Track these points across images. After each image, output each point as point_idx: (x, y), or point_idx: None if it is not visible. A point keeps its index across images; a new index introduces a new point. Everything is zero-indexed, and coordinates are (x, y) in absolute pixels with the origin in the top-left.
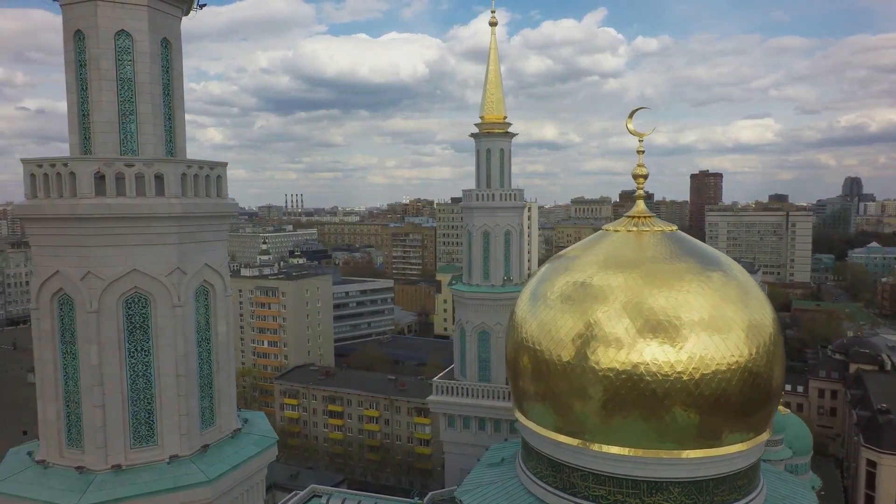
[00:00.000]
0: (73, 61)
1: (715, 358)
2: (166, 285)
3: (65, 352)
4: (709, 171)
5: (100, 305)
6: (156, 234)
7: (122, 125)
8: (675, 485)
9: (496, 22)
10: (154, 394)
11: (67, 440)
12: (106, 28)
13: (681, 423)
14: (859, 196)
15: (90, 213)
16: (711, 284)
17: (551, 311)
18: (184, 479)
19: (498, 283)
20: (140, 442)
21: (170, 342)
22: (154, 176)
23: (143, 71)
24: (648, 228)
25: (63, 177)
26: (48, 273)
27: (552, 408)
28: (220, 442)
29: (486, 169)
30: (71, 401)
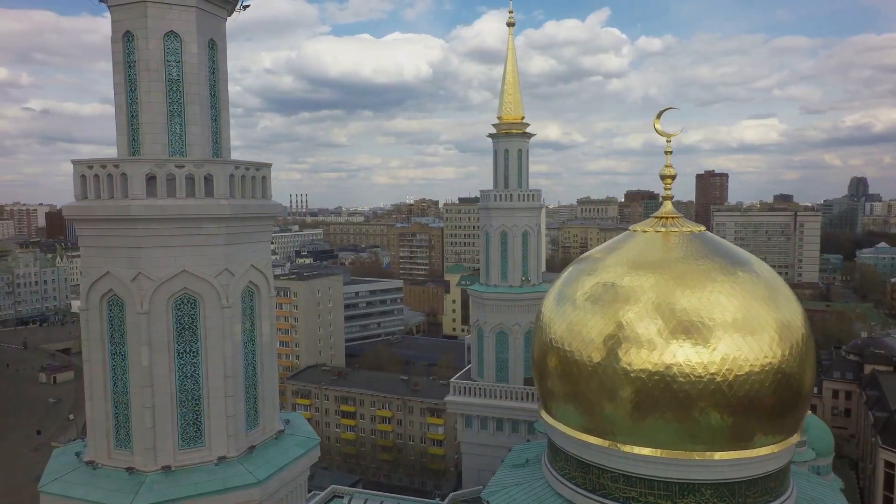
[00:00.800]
0: (121, 62)
1: (748, 359)
2: (215, 286)
3: (114, 352)
4: (714, 171)
5: (150, 306)
6: (205, 236)
7: (170, 126)
8: (708, 486)
9: (514, 22)
10: (202, 395)
11: (116, 441)
12: (155, 29)
13: (713, 424)
14: (866, 196)
15: (142, 215)
16: (743, 284)
17: (580, 313)
18: (233, 480)
19: (516, 283)
20: (188, 443)
21: (218, 343)
22: (203, 177)
23: (191, 72)
24: (677, 229)
25: (114, 178)
26: (98, 274)
27: (581, 408)
28: (265, 443)
29: (504, 169)
30: (119, 402)
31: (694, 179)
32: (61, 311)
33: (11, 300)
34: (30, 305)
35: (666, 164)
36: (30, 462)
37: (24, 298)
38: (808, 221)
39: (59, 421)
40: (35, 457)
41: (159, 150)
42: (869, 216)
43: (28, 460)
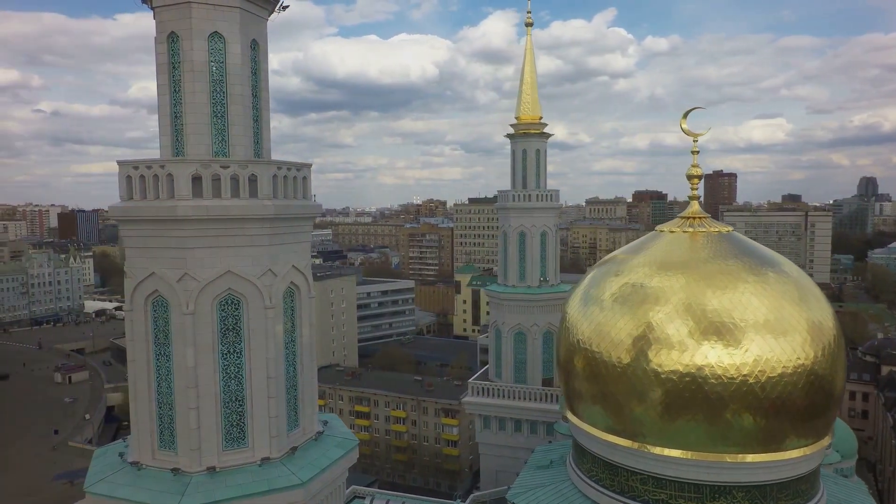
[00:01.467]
0: (165, 63)
1: (781, 360)
2: (259, 287)
3: (158, 353)
4: (723, 171)
5: (196, 307)
6: (249, 236)
7: (213, 127)
8: (739, 489)
9: (532, 22)
10: (245, 396)
11: (160, 442)
12: (200, 30)
13: (745, 426)
14: (875, 196)
15: (189, 216)
16: (774, 285)
17: (608, 314)
18: (277, 481)
19: (534, 283)
20: (231, 444)
21: (261, 344)
22: (248, 177)
23: (235, 72)
24: (705, 229)
25: (160, 178)
26: (143, 275)
27: (609, 409)
28: (306, 444)
29: (522, 169)
30: (164, 402)
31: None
32: (74, 311)
33: (26, 300)
34: (43, 306)
35: (693, 163)
36: (48, 461)
37: (38, 299)
38: (819, 221)
39: (75, 420)
40: (53, 456)
41: (203, 151)
42: (879, 216)
43: (46, 459)
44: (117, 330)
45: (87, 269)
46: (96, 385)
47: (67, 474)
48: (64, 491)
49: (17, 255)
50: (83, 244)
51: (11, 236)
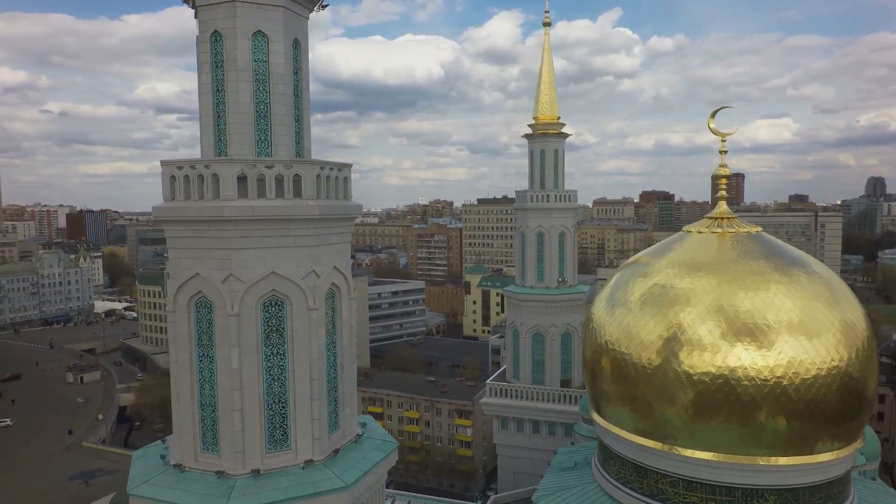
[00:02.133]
0: (208, 62)
1: (815, 362)
2: (302, 288)
3: (201, 355)
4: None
5: (240, 308)
6: (293, 237)
7: (256, 127)
8: (772, 492)
9: (549, 22)
10: (288, 398)
11: (202, 444)
12: (244, 29)
13: (779, 429)
14: (884, 196)
15: (235, 216)
16: (806, 285)
17: (636, 316)
18: (322, 484)
19: (552, 284)
20: (275, 446)
21: (304, 346)
22: (292, 178)
23: (277, 72)
24: (734, 230)
25: (206, 178)
26: (187, 275)
27: (638, 411)
28: (347, 447)
29: (540, 169)
30: (207, 404)
31: (708, 180)
32: (84, 311)
33: (36, 300)
34: (54, 306)
35: (721, 163)
36: (62, 461)
37: (49, 299)
38: (829, 222)
39: (88, 421)
40: (67, 456)
41: (246, 151)
42: (888, 216)
43: (60, 459)
44: (127, 330)
45: (97, 270)
46: (108, 385)
47: (82, 474)
48: (79, 491)
49: (27, 256)
50: (92, 244)
51: (20, 236)
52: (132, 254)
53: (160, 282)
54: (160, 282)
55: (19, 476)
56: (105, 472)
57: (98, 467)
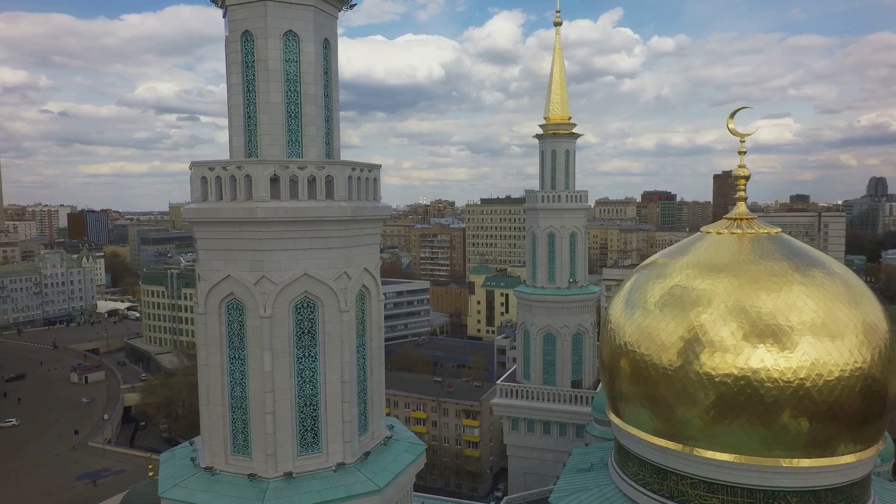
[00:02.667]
0: (239, 62)
1: (838, 364)
2: (334, 290)
3: (232, 357)
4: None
5: (273, 310)
6: (325, 238)
7: (287, 127)
8: (794, 494)
9: (561, 22)
10: (319, 400)
11: (233, 447)
12: (275, 28)
13: (801, 431)
14: (886, 196)
15: (268, 217)
16: (829, 287)
17: (656, 317)
18: (354, 487)
19: (563, 285)
20: (306, 449)
21: (336, 348)
22: (324, 179)
23: (308, 72)
24: (753, 231)
25: (238, 180)
26: (218, 277)
27: (659, 413)
28: (376, 449)
29: (552, 170)
30: (237, 407)
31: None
32: (87, 311)
33: (39, 300)
34: (56, 306)
35: (740, 164)
36: (68, 461)
37: (52, 299)
38: (832, 222)
39: (93, 421)
40: (73, 456)
41: (277, 152)
42: (890, 217)
43: (67, 459)
44: (130, 330)
45: (99, 270)
46: (113, 385)
47: (89, 474)
48: (86, 491)
49: (28, 256)
50: (93, 244)
51: (21, 236)
52: (134, 254)
53: (163, 282)
54: (163, 282)
55: (27, 476)
56: (112, 472)
57: (105, 467)
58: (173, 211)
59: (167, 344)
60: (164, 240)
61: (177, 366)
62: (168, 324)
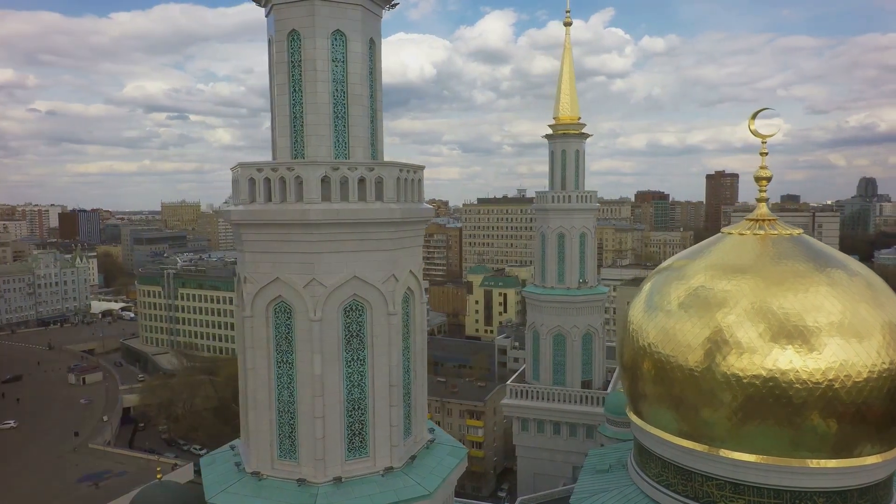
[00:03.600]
0: (285, 62)
1: (867, 365)
2: (383, 292)
3: (279, 361)
4: (725, 171)
5: (323, 314)
6: (375, 241)
7: (334, 128)
8: (820, 495)
9: (571, 22)
10: (367, 404)
11: (279, 451)
12: (323, 28)
13: (829, 432)
14: (876, 196)
15: (320, 219)
16: (855, 288)
17: (679, 319)
18: (404, 491)
19: (573, 285)
20: (354, 454)
21: (384, 351)
22: (374, 180)
23: (355, 72)
24: (776, 232)
25: (288, 181)
26: (266, 280)
27: (684, 414)
28: (420, 453)
29: (561, 170)
30: (284, 411)
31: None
32: (81, 311)
33: (32, 301)
34: (50, 306)
35: (761, 165)
36: (69, 463)
37: (45, 299)
38: (826, 222)
39: (92, 422)
40: (74, 458)
41: (324, 153)
42: (880, 217)
43: (67, 461)
44: (126, 330)
45: (92, 270)
46: (111, 386)
47: (91, 476)
48: (89, 493)
49: (20, 256)
50: (86, 244)
51: (12, 236)
52: (127, 254)
53: (160, 282)
54: (160, 282)
55: (29, 478)
56: (114, 474)
57: (106, 469)
58: (165, 210)
59: (164, 344)
60: (158, 240)
61: (176, 367)
62: (165, 324)
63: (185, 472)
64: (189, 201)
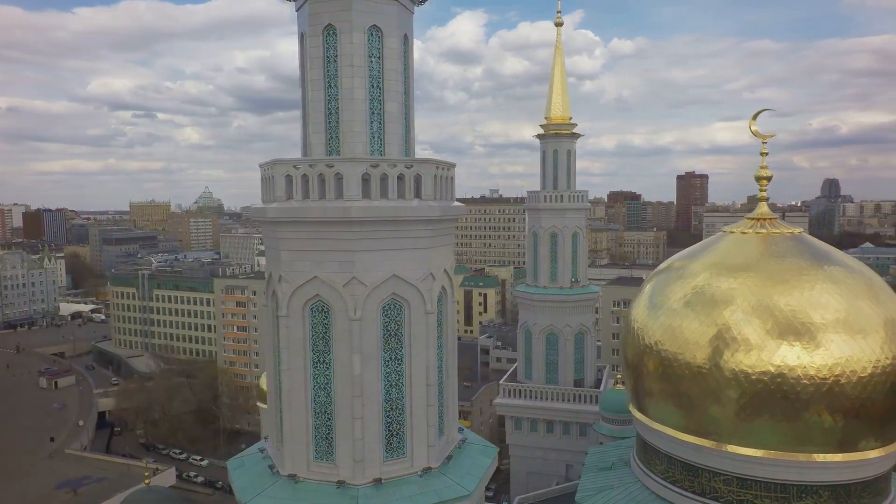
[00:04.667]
0: (320, 57)
1: (871, 360)
2: (421, 291)
3: (316, 361)
4: (695, 172)
5: (363, 313)
6: (413, 238)
7: (370, 124)
8: (826, 488)
9: (562, 22)
10: (405, 404)
11: (315, 453)
12: (360, 23)
13: (834, 426)
14: (839, 197)
15: (361, 217)
16: (856, 286)
17: (683, 318)
18: (445, 492)
19: (566, 284)
20: (392, 454)
21: (421, 350)
22: (413, 178)
23: (391, 68)
24: (778, 230)
25: (327, 178)
26: (303, 279)
27: (689, 411)
28: (454, 452)
29: (553, 170)
30: (321, 412)
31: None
32: (49, 313)
33: None
34: (17, 308)
35: (762, 165)
36: (46, 469)
37: (12, 301)
38: (796, 222)
39: (67, 427)
40: (51, 464)
41: (360, 150)
42: (844, 217)
43: (44, 467)
44: (97, 333)
45: (60, 271)
46: (85, 390)
47: (69, 482)
48: (68, 500)
49: None
50: (53, 245)
51: None
52: (95, 254)
53: (134, 283)
54: (134, 283)
55: (4, 486)
56: (92, 479)
57: (84, 475)
58: (134, 210)
59: (139, 347)
60: (128, 240)
61: (152, 369)
62: (139, 326)
63: (168, 476)
64: (159, 201)
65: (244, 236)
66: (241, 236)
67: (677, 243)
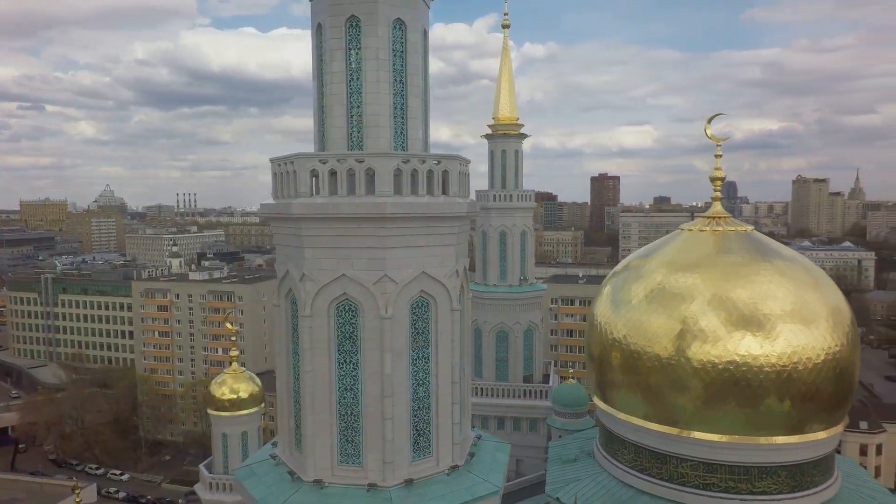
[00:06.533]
0: (342, 49)
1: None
2: (448, 288)
3: (342, 361)
4: (607, 174)
5: (393, 311)
6: (440, 235)
7: (393, 119)
8: (783, 468)
9: (508, 24)
10: (431, 402)
11: (340, 457)
12: (385, 16)
13: (791, 410)
14: (737, 198)
15: (394, 213)
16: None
17: (645, 313)
18: (475, 489)
19: (515, 282)
20: (419, 454)
21: (447, 347)
22: (441, 174)
23: (414, 62)
24: (733, 228)
25: (357, 174)
26: (330, 277)
27: (655, 401)
28: (474, 449)
29: (501, 169)
30: (347, 414)
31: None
32: None
33: None
34: None
35: (716, 166)
36: None
37: None
38: None
39: None
40: None
41: (383, 145)
42: (741, 217)
43: None
44: None
45: None
46: None
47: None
48: None
49: None
50: None
51: None
52: None
53: (36, 287)
54: (36, 287)
55: None
56: (2, 501)
57: (11, 497)
58: (25, 209)
59: (42, 356)
60: (22, 241)
61: (61, 380)
62: (42, 334)
63: (89, 492)
64: (53, 199)
65: (153, 237)
66: (149, 237)
67: (594, 242)
